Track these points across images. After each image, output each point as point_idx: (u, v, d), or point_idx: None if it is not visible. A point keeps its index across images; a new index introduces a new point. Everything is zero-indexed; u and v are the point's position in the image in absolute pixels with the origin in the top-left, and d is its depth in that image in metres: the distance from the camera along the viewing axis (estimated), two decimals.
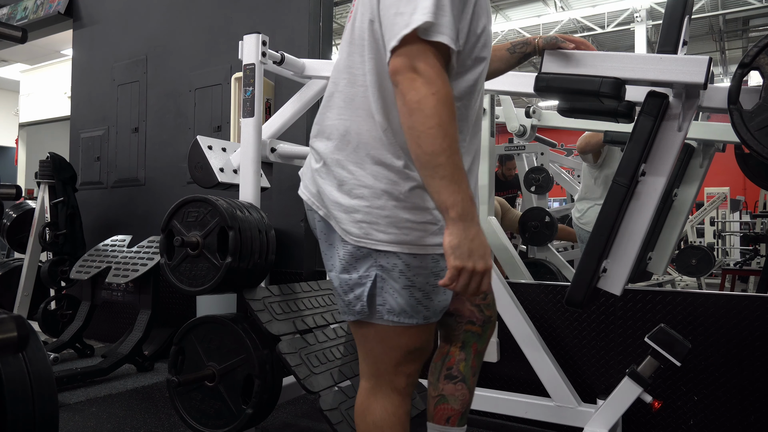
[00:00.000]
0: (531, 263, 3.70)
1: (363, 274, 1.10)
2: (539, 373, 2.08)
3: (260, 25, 3.22)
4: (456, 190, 0.95)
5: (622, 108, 1.57)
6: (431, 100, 0.94)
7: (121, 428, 2.25)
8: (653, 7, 9.78)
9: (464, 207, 0.96)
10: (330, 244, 1.16)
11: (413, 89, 0.95)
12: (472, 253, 0.96)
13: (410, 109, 0.96)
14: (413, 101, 0.95)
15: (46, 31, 4.70)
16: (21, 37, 1.86)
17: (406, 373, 1.18)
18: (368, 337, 1.17)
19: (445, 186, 0.95)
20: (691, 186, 2.84)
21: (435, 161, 0.95)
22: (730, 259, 6.71)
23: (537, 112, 3.24)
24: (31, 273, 3.60)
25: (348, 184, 1.10)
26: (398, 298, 1.10)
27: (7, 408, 1.20)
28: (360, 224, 1.08)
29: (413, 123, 0.96)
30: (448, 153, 0.95)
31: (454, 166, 0.96)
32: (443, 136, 0.95)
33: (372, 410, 1.18)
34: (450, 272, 0.97)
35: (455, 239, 0.96)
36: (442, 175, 0.95)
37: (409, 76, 0.96)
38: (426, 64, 0.96)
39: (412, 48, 0.97)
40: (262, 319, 1.86)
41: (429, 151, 0.95)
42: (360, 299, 1.11)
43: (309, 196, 1.19)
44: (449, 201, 0.95)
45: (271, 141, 2.36)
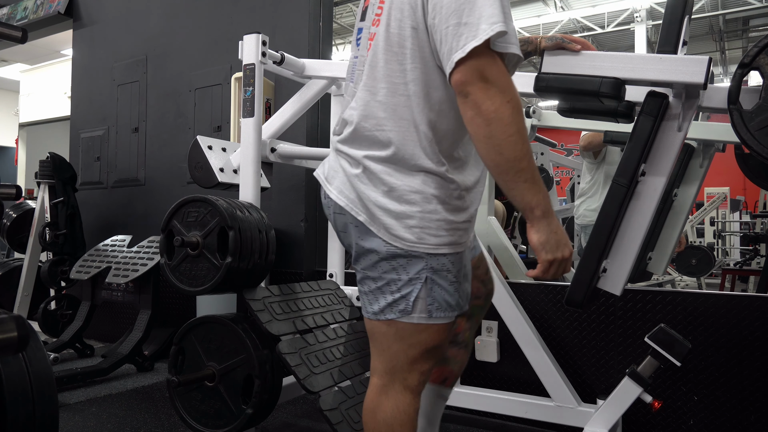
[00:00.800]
0: (531, 263, 3.70)
1: (413, 276, 1.12)
2: (539, 373, 2.08)
3: (260, 25, 3.22)
4: (538, 190, 1.03)
5: (622, 108, 1.56)
6: (508, 108, 0.98)
7: (121, 428, 2.25)
8: (653, 7, 9.77)
9: (546, 205, 1.04)
10: (369, 249, 1.15)
11: (489, 99, 0.98)
12: (558, 244, 1.06)
13: (488, 119, 0.98)
14: (490, 111, 0.98)
15: (46, 31, 4.70)
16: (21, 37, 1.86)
17: (421, 371, 1.19)
18: (387, 335, 1.17)
19: (528, 188, 1.02)
20: (691, 186, 2.83)
21: (518, 166, 1.01)
22: (730, 259, 6.71)
23: (537, 112, 3.24)
24: (31, 273, 3.60)
25: (398, 190, 1.11)
26: (446, 295, 1.14)
27: (7, 408, 1.20)
28: (413, 229, 1.10)
29: (492, 132, 0.99)
30: (528, 157, 1.01)
31: (533, 169, 1.02)
32: (522, 141, 1.00)
33: (383, 408, 1.18)
34: (543, 265, 1.07)
35: (543, 235, 1.05)
36: (526, 179, 1.02)
37: (482, 86, 0.98)
38: (497, 73, 0.99)
39: (480, 57, 0.98)
40: (262, 319, 1.86)
41: (512, 157, 1.00)
42: (406, 299, 1.13)
43: (347, 202, 1.17)
44: (534, 201, 1.03)
45: (271, 141, 2.36)
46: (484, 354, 2.39)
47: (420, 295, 1.13)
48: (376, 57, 1.13)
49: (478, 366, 2.45)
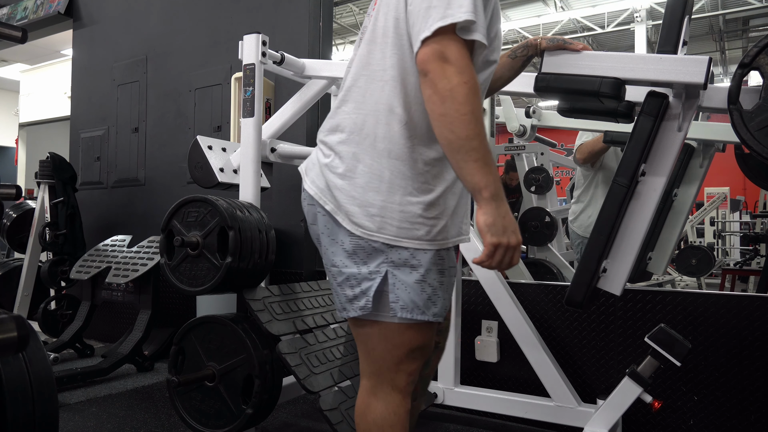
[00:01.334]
0: (531, 263, 3.70)
1: (373, 270, 1.11)
2: (539, 373, 2.08)
3: (260, 25, 3.22)
4: (488, 171, 1.01)
5: (622, 108, 1.57)
6: (463, 88, 0.99)
7: (121, 428, 2.25)
8: (653, 7, 9.77)
9: (496, 187, 1.01)
10: (333, 239, 1.16)
11: (445, 78, 0.99)
12: (506, 229, 1.02)
13: (443, 97, 1.00)
14: (446, 89, 0.99)
15: (46, 31, 4.69)
16: (21, 37, 1.86)
17: (408, 371, 1.18)
18: (370, 336, 1.17)
19: (478, 168, 1.01)
20: (691, 186, 2.83)
21: (469, 145, 1.00)
22: (730, 259, 6.71)
23: (537, 112, 3.24)
24: (31, 273, 3.60)
25: (363, 177, 1.11)
26: (410, 293, 1.10)
27: (7, 408, 1.20)
28: (374, 218, 1.10)
29: (446, 110, 1.00)
30: (480, 137, 1.01)
31: (485, 150, 1.01)
32: (476, 122, 1.00)
33: (372, 409, 1.18)
34: (487, 249, 1.03)
35: (490, 218, 1.02)
36: (476, 158, 1.00)
37: (441, 65, 1.00)
38: (457, 54, 1.00)
39: (443, 38, 1.00)
40: (262, 319, 1.86)
41: (463, 136, 1.00)
42: (366, 294, 1.11)
43: (316, 191, 1.18)
44: (482, 182, 1.01)
45: (271, 141, 2.36)
46: (484, 354, 2.39)
47: (382, 290, 1.11)
48: (363, 49, 1.17)
49: (478, 366, 2.45)
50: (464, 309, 2.44)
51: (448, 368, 2.23)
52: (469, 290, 2.45)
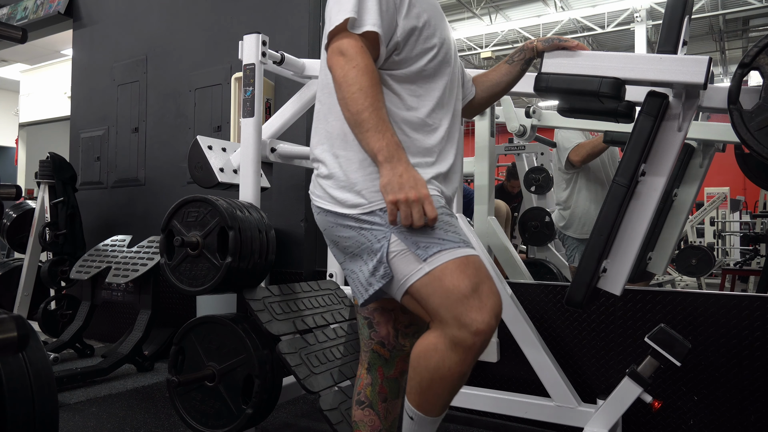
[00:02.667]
0: (531, 263, 3.70)
1: (380, 237, 1.16)
2: (539, 373, 2.08)
3: (260, 25, 3.22)
4: (380, 137, 1.12)
5: (622, 108, 1.56)
6: (353, 71, 1.13)
7: (121, 428, 2.25)
8: (653, 7, 9.78)
9: (389, 150, 1.11)
10: (339, 234, 1.23)
11: (339, 67, 1.15)
12: (402, 186, 1.10)
13: (338, 83, 1.15)
14: (339, 76, 1.14)
15: (46, 31, 4.70)
16: (21, 37, 1.86)
17: (473, 329, 1.09)
18: (422, 295, 1.13)
19: (371, 136, 1.12)
20: (691, 186, 2.83)
21: (360, 117, 1.12)
22: (730, 259, 6.71)
23: (537, 112, 3.23)
24: (31, 273, 3.60)
25: (343, 166, 1.22)
26: (425, 237, 1.13)
27: (7, 408, 1.20)
28: (361, 193, 1.19)
29: (342, 94, 1.14)
30: (370, 109, 1.12)
31: (377, 119, 1.12)
32: (364, 96, 1.12)
33: (429, 354, 1.13)
34: (388, 208, 1.12)
35: (385, 178, 1.11)
36: (368, 128, 1.12)
37: (336, 58, 1.16)
38: (348, 46, 1.15)
39: (338, 38, 1.17)
40: (262, 319, 1.86)
41: (355, 110, 1.12)
42: (382, 262, 1.15)
43: (316, 200, 1.28)
44: (376, 147, 1.12)
45: (271, 141, 2.36)
46: (484, 354, 2.38)
47: (391, 251, 1.14)
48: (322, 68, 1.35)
49: (478, 366, 2.45)
50: None
51: None
52: None
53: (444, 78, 1.31)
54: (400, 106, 1.25)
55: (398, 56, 1.24)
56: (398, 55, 1.24)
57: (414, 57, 1.26)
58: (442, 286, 1.11)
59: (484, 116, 2.80)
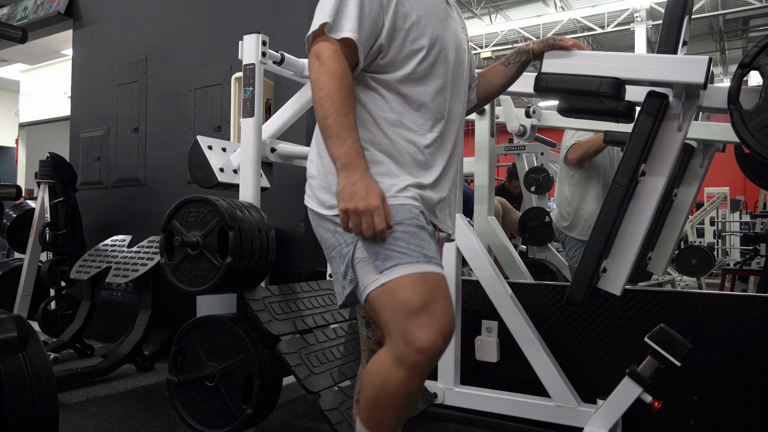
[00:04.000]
0: (531, 263, 3.70)
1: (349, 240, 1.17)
2: (539, 373, 2.08)
3: (260, 25, 3.22)
4: (341, 145, 1.13)
5: (622, 108, 1.57)
6: (323, 76, 1.16)
7: (121, 428, 2.25)
8: (653, 7, 9.78)
9: (347, 158, 1.12)
10: (322, 235, 1.26)
11: (313, 71, 1.18)
12: (353, 195, 1.10)
13: (312, 87, 1.18)
14: (313, 80, 1.18)
15: (46, 31, 4.69)
16: (21, 37, 1.86)
17: (417, 347, 1.09)
18: (375, 305, 1.14)
19: (332, 142, 1.14)
20: (691, 186, 2.84)
21: (325, 123, 1.15)
22: (730, 259, 6.71)
23: (537, 112, 3.24)
24: (31, 273, 3.60)
25: (325, 167, 1.24)
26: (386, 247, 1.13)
27: (7, 408, 1.20)
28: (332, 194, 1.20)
29: (314, 98, 1.18)
30: (334, 116, 1.14)
31: (340, 126, 1.13)
32: (330, 102, 1.14)
33: (377, 372, 1.13)
34: (340, 216, 1.13)
35: (340, 186, 1.12)
36: (330, 134, 1.14)
37: (313, 62, 1.19)
38: (324, 50, 1.18)
39: (315, 42, 1.21)
40: (262, 319, 1.86)
41: (321, 115, 1.15)
42: (348, 267, 1.17)
43: (307, 199, 1.30)
44: (335, 153, 1.13)
45: (271, 141, 2.36)
46: (484, 354, 2.39)
47: (356, 257, 1.15)
48: None
49: (478, 366, 2.45)
50: (464, 309, 2.44)
51: (448, 368, 2.23)
52: (469, 290, 2.45)
53: (437, 80, 1.27)
54: (385, 109, 1.24)
55: (383, 59, 1.23)
56: (383, 58, 1.23)
57: (401, 60, 1.24)
58: (394, 300, 1.11)
59: (484, 116, 2.80)
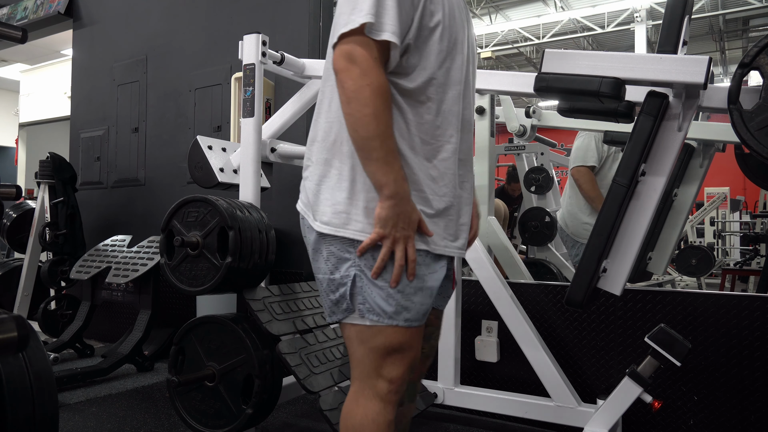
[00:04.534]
0: (531, 263, 3.70)
1: (344, 274, 1.13)
2: (539, 373, 2.08)
3: (260, 25, 3.22)
4: (389, 171, 1.06)
5: (622, 108, 1.57)
6: (367, 90, 1.04)
7: (121, 428, 2.25)
8: (653, 7, 9.77)
9: (396, 187, 1.06)
10: (315, 249, 1.19)
11: (350, 79, 1.05)
12: (395, 225, 1.07)
13: (348, 97, 1.06)
14: (351, 90, 1.05)
15: (46, 31, 4.69)
16: (21, 37, 1.86)
17: (389, 378, 1.14)
18: (350, 339, 1.17)
19: (379, 167, 1.06)
20: (691, 186, 2.83)
21: (369, 145, 1.06)
22: (730, 259, 6.70)
23: (537, 112, 3.24)
24: (31, 273, 3.60)
25: (333, 179, 1.14)
26: (377, 299, 1.11)
27: (7, 408, 1.20)
28: (340, 214, 1.12)
29: (351, 110, 1.06)
30: (382, 138, 1.05)
31: (387, 149, 1.06)
32: (377, 122, 1.04)
33: (353, 414, 1.16)
34: (372, 236, 1.08)
35: (384, 212, 1.07)
36: (376, 158, 1.06)
37: (347, 67, 1.06)
38: (362, 55, 1.05)
39: (350, 41, 1.06)
40: (262, 319, 1.86)
41: (365, 136, 1.05)
42: (345, 297, 1.13)
43: (302, 206, 1.22)
44: (382, 180, 1.06)
45: (271, 141, 2.36)
46: (484, 354, 2.39)
47: (353, 293, 1.12)
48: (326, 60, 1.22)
49: (478, 366, 2.45)
50: (464, 309, 2.44)
51: (448, 368, 2.23)
52: (469, 290, 2.45)
53: (455, 87, 1.20)
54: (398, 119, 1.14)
55: (406, 62, 1.14)
56: (407, 60, 1.13)
57: (423, 62, 1.14)
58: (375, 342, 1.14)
59: (484, 116, 2.80)
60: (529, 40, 11.81)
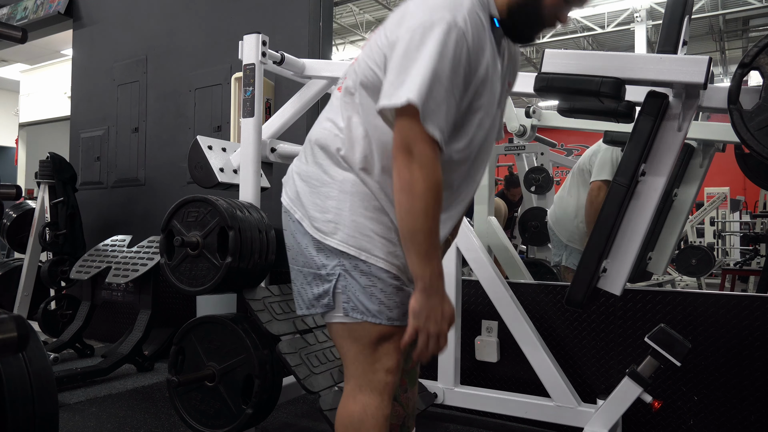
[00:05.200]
0: (531, 263, 3.70)
1: (330, 271, 1.15)
2: (539, 373, 2.08)
3: (260, 25, 3.22)
4: (427, 265, 1.08)
5: (622, 108, 1.57)
6: (421, 185, 1.04)
7: (121, 428, 2.25)
8: (653, 7, 9.77)
9: (431, 281, 1.08)
10: (299, 243, 1.21)
11: (408, 170, 1.04)
12: (428, 318, 1.09)
13: (401, 187, 1.06)
14: (405, 181, 1.05)
15: (46, 31, 4.69)
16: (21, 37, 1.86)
17: (385, 368, 1.17)
18: (342, 337, 1.19)
19: (419, 260, 1.08)
20: (691, 186, 2.83)
21: (414, 238, 1.07)
22: (730, 259, 6.70)
23: (537, 112, 3.23)
24: (31, 273, 3.60)
25: (326, 186, 1.17)
26: (360, 296, 1.14)
27: (8, 408, 1.20)
28: (329, 223, 1.15)
29: (402, 200, 1.06)
30: (427, 234, 1.06)
31: (429, 245, 1.07)
32: (425, 218, 1.05)
33: (350, 412, 1.17)
34: (408, 330, 1.10)
35: (417, 305, 1.09)
36: (418, 251, 1.07)
37: (406, 156, 1.05)
38: (425, 150, 1.04)
39: (409, 129, 1.04)
40: (262, 319, 1.86)
41: (411, 228, 1.07)
42: (327, 293, 1.16)
43: (288, 201, 1.25)
44: (419, 273, 1.08)
45: (271, 141, 2.36)
46: (484, 354, 2.39)
47: (337, 291, 1.15)
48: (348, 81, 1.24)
49: (478, 366, 2.45)
50: (464, 309, 2.44)
51: (448, 368, 2.23)
52: (469, 290, 2.45)
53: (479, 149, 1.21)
54: None
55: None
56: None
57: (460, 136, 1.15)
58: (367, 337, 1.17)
59: None
60: None
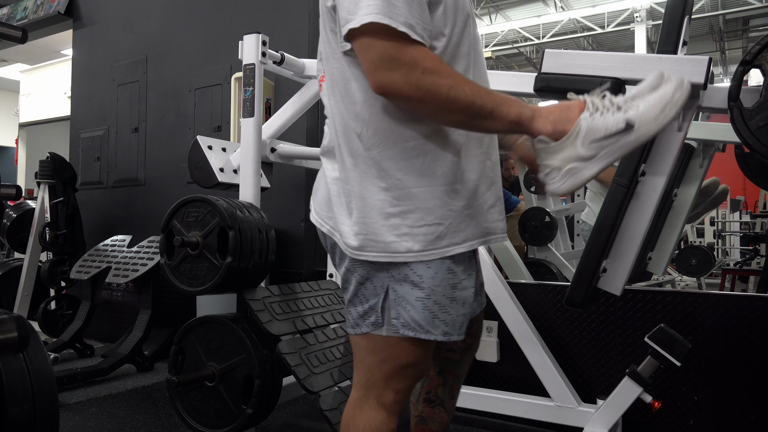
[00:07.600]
0: (531, 263, 3.70)
1: (378, 285, 1.07)
2: (539, 373, 2.08)
3: (260, 25, 3.22)
4: (508, 108, 0.96)
5: None
6: (427, 78, 0.93)
7: (121, 428, 2.25)
8: (653, 7, 9.79)
9: (524, 109, 0.97)
10: (340, 258, 1.13)
11: (404, 81, 0.94)
12: (561, 119, 0.99)
13: (420, 99, 0.94)
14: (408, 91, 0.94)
15: (46, 31, 4.70)
16: (21, 37, 1.86)
17: (396, 389, 1.12)
18: (363, 348, 1.13)
19: (498, 116, 0.95)
20: (691, 186, 2.83)
21: (474, 107, 0.94)
22: (730, 259, 6.71)
23: None
24: (31, 273, 3.60)
25: (346, 196, 1.08)
26: (411, 311, 1.04)
27: (8, 408, 1.20)
28: (357, 236, 1.05)
29: (436, 101, 0.94)
30: (476, 94, 0.94)
31: (492, 97, 0.95)
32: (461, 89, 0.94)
33: (356, 422, 1.14)
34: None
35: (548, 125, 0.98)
36: (491, 111, 0.95)
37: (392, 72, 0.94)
38: (403, 53, 0.94)
39: (404, 48, 0.94)
40: (262, 319, 1.86)
41: (463, 104, 0.94)
42: (375, 310, 1.07)
43: (317, 217, 1.18)
44: (514, 116, 0.96)
45: (271, 141, 2.36)
46: (484, 354, 2.39)
47: (385, 307, 1.06)
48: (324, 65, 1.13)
49: (478, 366, 2.45)
50: None
51: None
52: None
53: (462, 60, 1.10)
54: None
55: None
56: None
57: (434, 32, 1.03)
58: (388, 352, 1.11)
59: None
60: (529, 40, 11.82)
